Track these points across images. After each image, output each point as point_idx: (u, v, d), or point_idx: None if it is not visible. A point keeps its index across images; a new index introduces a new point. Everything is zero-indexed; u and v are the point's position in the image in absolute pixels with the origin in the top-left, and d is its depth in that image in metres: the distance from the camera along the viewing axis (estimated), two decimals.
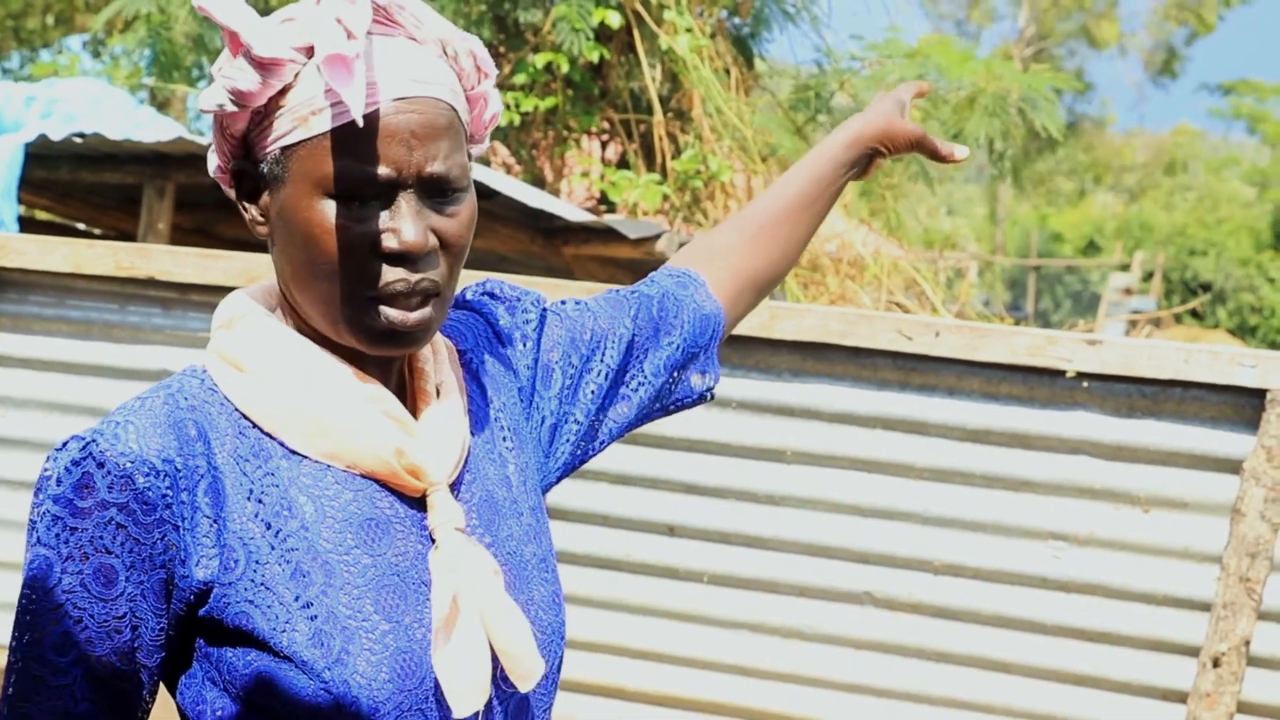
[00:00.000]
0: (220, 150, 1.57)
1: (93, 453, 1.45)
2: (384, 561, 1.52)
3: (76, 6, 17.19)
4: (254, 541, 1.48)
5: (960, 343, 4.30)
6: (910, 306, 8.45)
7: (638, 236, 6.73)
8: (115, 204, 8.49)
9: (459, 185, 1.52)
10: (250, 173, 1.54)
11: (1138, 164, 47.71)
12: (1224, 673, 4.13)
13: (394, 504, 1.55)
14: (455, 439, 1.59)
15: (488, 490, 1.63)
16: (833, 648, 4.47)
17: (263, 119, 1.50)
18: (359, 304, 1.50)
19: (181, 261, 4.73)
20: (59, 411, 4.86)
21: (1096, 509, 4.31)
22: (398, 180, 1.47)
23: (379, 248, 1.48)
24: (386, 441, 1.53)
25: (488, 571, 1.54)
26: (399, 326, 1.50)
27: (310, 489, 1.52)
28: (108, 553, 1.44)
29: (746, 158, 8.76)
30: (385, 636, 1.49)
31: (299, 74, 1.48)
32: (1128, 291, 25.87)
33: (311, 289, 1.51)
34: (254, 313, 1.58)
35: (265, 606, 1.46)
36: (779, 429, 4.47)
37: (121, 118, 7.69)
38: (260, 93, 1.47)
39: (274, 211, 1.52)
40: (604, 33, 8.51)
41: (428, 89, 1.50)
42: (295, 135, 1.48)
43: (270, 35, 1.46)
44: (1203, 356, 4.18)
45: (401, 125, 1.47)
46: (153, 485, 1.45)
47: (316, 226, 1.48)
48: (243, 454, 1.51)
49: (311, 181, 1.48)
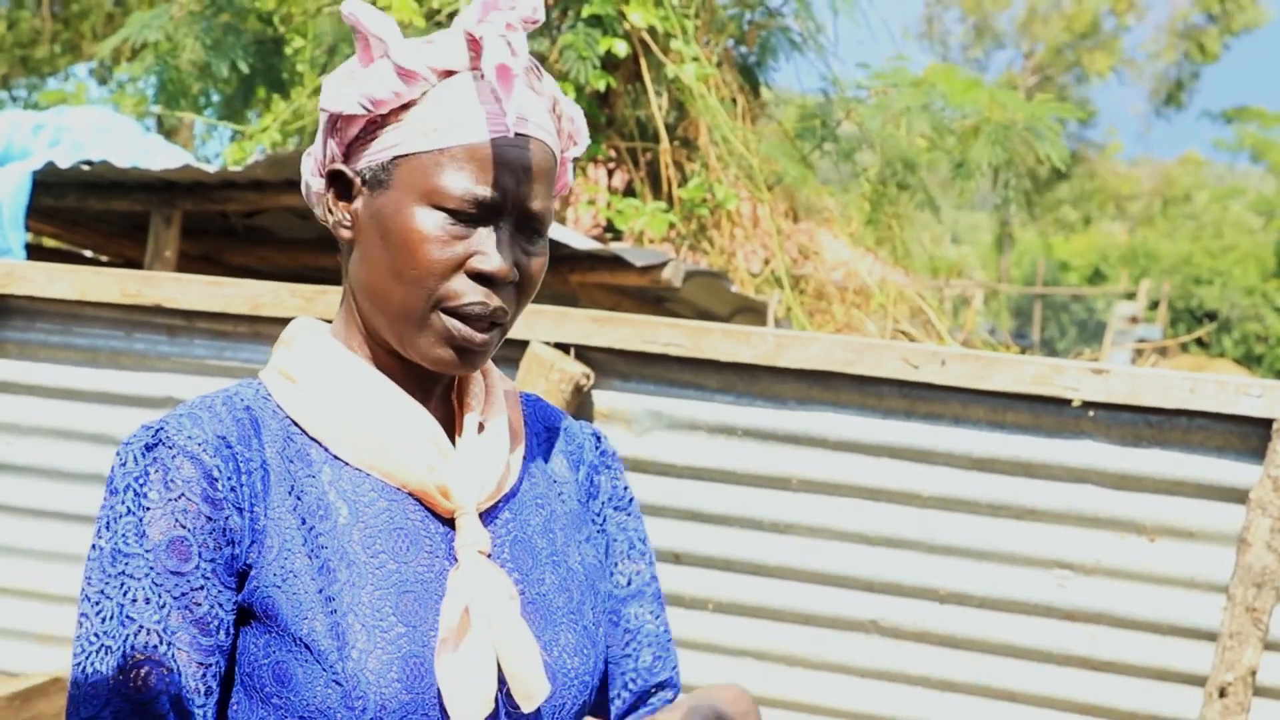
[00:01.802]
0: (323, 151, 1.67)
1: (163, 438, 1.54)
2: (409, 570, 1.58)
3: (84, 35, 17.25)
4: (288, 532, 1.56)
5: (966, 371, 4.30)
6: (916, 335, 8.46)
7: (644, 265, 6.73)
8: (122, 231, 8.51)
9: (546, 228, 1.62)
10: (347, 177, 1.63)
11: (1143, 192, 47.75)
12: (1230, 703, 4.12)
13: (426, 520, 1.62)
14: (490, 471, 1.66)
15: (525, 533, 1.70)
16: (838, 676, 4.46)
17: (376, 128, 1.60)
18: (434, 314, 1.58)
19: (188, 289, 4.74)
20: (65, 439, 4.86)
21: (1102, 538, 4.30)
22: (501, 207, 1.58)
23: (468, 266, 1.57)
24: (420, 457, 1.61)
25: (503, 594, 1.59)
26: (464, 343, 1.59)
27: (348, 493, 1.59)
28: (181, 528, 1.52)
29: (753, 186, 8.78)
30: (400, 639, 1.54)
31: (427, 93, 1.58)
32: (1133, 320, 25.86)
33: (389, 294, 1.60)
34: (313, 331, 1.69)
35: (290, 592, 1.53)
36: (785, 457, 4.47)
37: (129, 145, 7.71)
38: (391, 101, 1.58)
39: (366, 215, 1.61)
40: (611, 61, 8.53)
41: (543, 135, 1.61)
42: (411, 146, 1.58)
43: (413, 50, 1.58)
44: (1209, 386, 4.18)
45: (517, 159, 1.58)
46: (218, 466, 1.54)
47: (415, 233, 1.57)
48: (289, 454, 1.60)
49: (419, 192, 1.57)
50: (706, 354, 4.42)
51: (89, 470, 4.78)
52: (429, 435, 1.63)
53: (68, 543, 4.79)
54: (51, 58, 17.19)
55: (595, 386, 4.49)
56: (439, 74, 1.59)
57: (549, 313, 4.45)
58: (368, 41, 1.60)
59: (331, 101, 1.61)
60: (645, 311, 7.28)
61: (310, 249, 8.29)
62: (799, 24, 9.62)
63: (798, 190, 9.25)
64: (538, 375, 4.30)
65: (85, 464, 4.80)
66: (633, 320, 4.48)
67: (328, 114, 1.64)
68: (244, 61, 9.46)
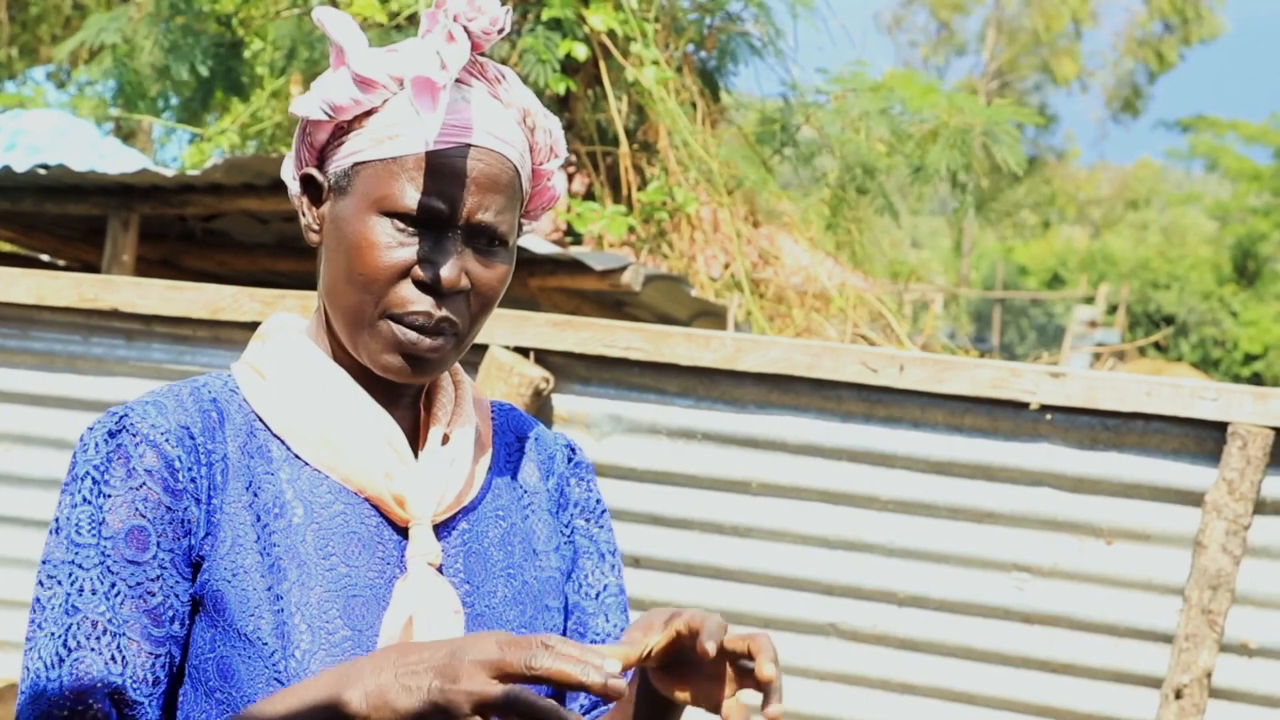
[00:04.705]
0: (297, 156, 1.69)
1: (126, 425, 1.55)
2: (359, 575, 1.58)
3: (41, 39, 17.14)
4: (241, 527, 1.56)
5: (925, 375, 4.32)
6: (875, 339, 8.48)
7: (604, 269, 6.74)
8: (80, 236, 8.46)
9: (503, 240, 1.63)
10: (317, 181, 1.66)
11: (1102, 198, 48.02)
12: (1186, 704, 4.14)
13: (381, 527, 1.62)
14: (450, 482, 1.66)
15: (482, 545, 1.69)
16: (798, 679, 4.47)
17: (343, 134, 1.63)
18: (381, 320, 1.60)
19: (146, 293, 4.72)
20: (22, 443, 4.84)
21: (1059, 541, 4.33)
22: (448, 218, 1.59)
23: (413, 274, 1.59)
24: (379, 463, 1.62)
25: (447, 609, 1.60)
26: (411, 349, 1.60)
27: (305, 493, 1.60)
28: (141, 517, 1.53)
29: (712, 190, 8.79)
30: (344, 642, 1.55)
31: (388, 100, 1.61)
32: (1092, 324, 25.99)
33: (344, 298, 1.61)
34: (287, 329, 1.70)
35: (239, 588, 1.54)
36: (744, 461, 4.48)
37: (86, 149, 7.68)
38: (351, 108, 1.60)
39: (330, 220, 1.64)
40: (570, 65, 8.53)
41: (500, 146, 1.62)
42: (369, 154, 1.60)
43: (372, 59, 1.60)
44: (1165, 390, 4.21)
45: (466, 170, 1.59)
46: (179, 456, 1.55)
47: (364, 239, 1.59)
48: (250, 449, 1.61)
49: (371, 199, 1.59)
50: (666, 358, 4.42)
51: (47, 475, 4.76)
52: (390, 442, 1.63)
53: (26, 548, 4.76)
54: (10, 62, 17.08)
55: (555, 390, 4.49)
56: (399, 82, 1.60)
57: (509, 317, 4.45)
58: (338, 48, 1.61)
59: (299, 105, 1.63)
60: (605, 315, 7.29)
61: (269, 253, 8.26)
62: (758, 29, 9.63)
63: (757, 194, 9.26)
64: (497, 379, 4.30)
65: (43, 469, 4.78)
66: (593, 324, 4.49)
67: (299, 119, 1.66)
68: (203, 64, 9.42)
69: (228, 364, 4.58)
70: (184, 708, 1.56)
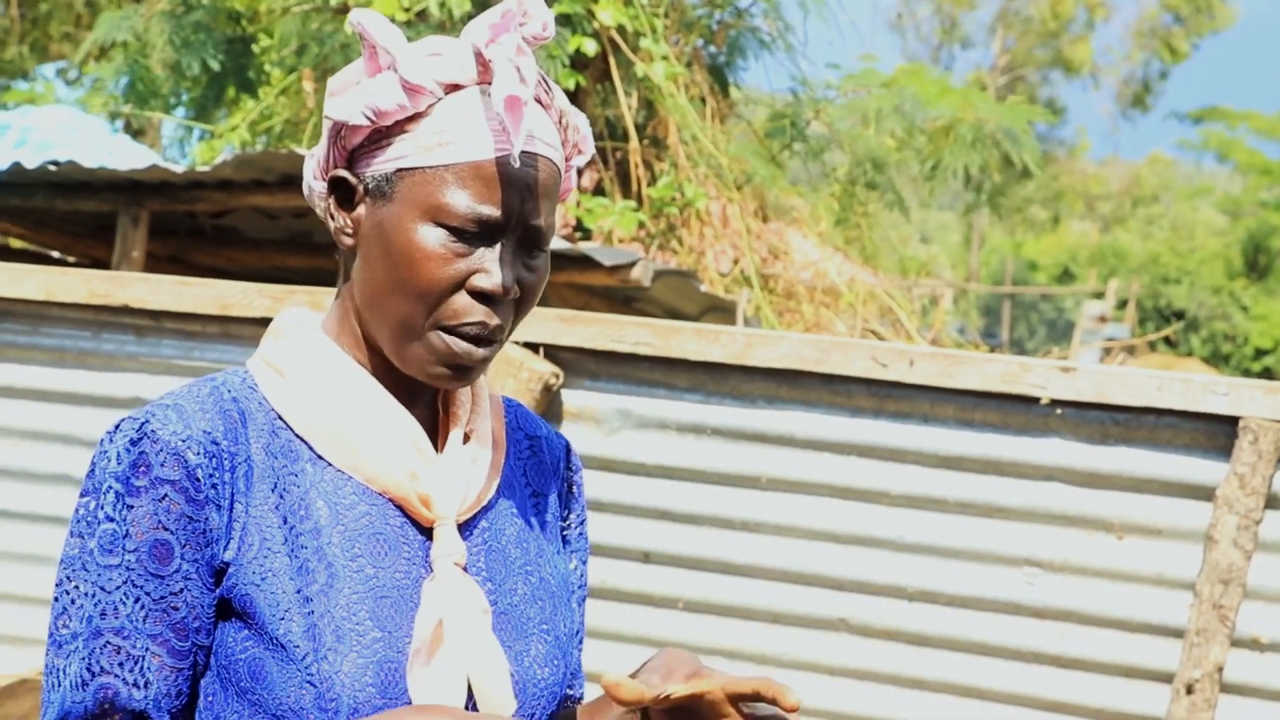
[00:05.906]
0: (326, 156, 1.65)
1: (147, 432, 1.53)
2: (386, 576, 1.58)
3: (51, 36, 17.16)
4: (269, 530, 1.55)
5: (935, 370, 4.31)
6: (885, 334, 8.48)
7: (613, 264, 6.74)
8: (90, 232, 8.47)
9: (547, 243, 1.62)
10: (349, 184, 1.62)
11: (1112, 192, 47.93)
12: (1198, 699, 4.14)
13: (405, 527, 1.62)
14: (472, 481, 1.66)
15: (500, 543, 1.70)
16: (807, 674, 4.47)
17: (382, 138, 1.59)
18: (433, 332, 1.58)
19: (156, 289, 4.72)
20: (32, 439, 4.84)
21: (1070, 535, 4.32)
22: (505, 225, 1.57)
23: (469, 284, 1.57)
24: (403, 464, 1.60)
25: (475, 608, 1.60)
26: (463, 360, 1.59)
27: (329, 495, 1.59)
28: (164, 529, 1.51)
29: (722, 185, 8.79)
30: (375, 644, 1.54)
31: (433, 106, 1.57)
32: (1102, 319, 25.98)
33: (389, 307, 1.59)
34: (304, 326, 1.67)
35: (269, 592, 1.53)
36: (754, 456, 4.47)
37: (96, 146, 7.70)
38: (395, 113, 1.57)
39: (368, 225, 1.60)
40: (580, 60, 8.53)
41: (549, 151, 1.60)
42: (415, 160, 1.56)
43: (420, 64, 1.57)
44: (1176, 384, 4.20)
45: (523, 177, 1.57)
46: (202, 464, 1.53)
47: (417, 249, 1.56)
48: (274, 450, 1.59)
49: (422, 207, 1.56)
50: (676, 353, 4.42)
51: (57, 471, 4.76)
52: (414, 442, 1.62)
53: (37, 544, 4.76)
54: (21, 59, 17.08)
55: (564, 386, 4.49)
56: (446, 88, 1.57)
57: None
58: (375, 51, 1.58)
59: (336, 110, 1.60)
60: (614, 311, 7.28)
61: (279, 249, 8.27)
62: (768, 24, 9.63)
63: (767, 190, 9.27)
64: (506, 374, 4.30)
65: (53, 465, 4.78)
66: (602, 319, 4.49)
67: (331, 121, 1.62)
68: (214, 60, 9.43)
69: (238, 360, 4.59)
70: (214, 707, 1.55)
